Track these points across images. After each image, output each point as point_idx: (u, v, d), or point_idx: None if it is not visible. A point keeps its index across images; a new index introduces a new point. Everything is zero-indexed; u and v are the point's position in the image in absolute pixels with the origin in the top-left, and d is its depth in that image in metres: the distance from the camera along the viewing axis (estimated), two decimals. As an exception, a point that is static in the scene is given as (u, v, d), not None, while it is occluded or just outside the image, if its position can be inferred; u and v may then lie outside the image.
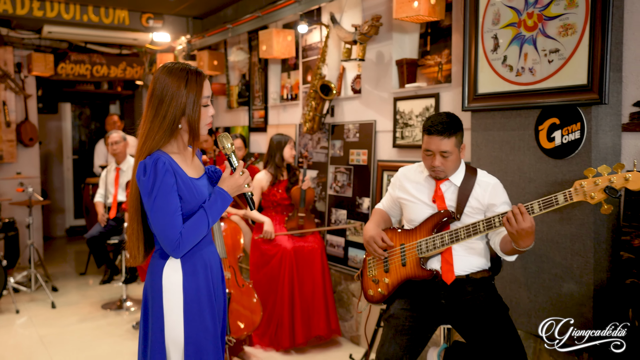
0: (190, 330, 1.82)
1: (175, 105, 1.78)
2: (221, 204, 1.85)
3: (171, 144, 1.84)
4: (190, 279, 1.83)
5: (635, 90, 2.34)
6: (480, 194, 2.35)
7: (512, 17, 2.63)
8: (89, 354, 3.77)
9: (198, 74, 1.84)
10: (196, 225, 1.80)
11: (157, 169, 1.75)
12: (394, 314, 2.34)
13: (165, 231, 1.76)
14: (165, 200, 1.75)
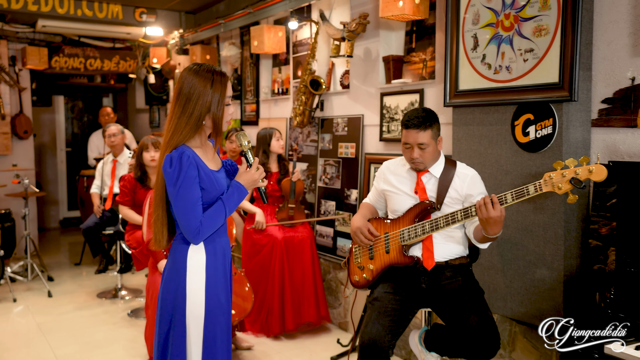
0: (210, 305, 2.00)
1: (202, 103, 1.93)
2: (238, 197, 2.01)
3: (195, 139, 1.99)
4: (211, 259, 2.01)
5: (603, 88, 2.49)
6: (459, 185, 2.50)
7: (490, 17, 2.78)
8: (86, 340, 3.90)
9: (222, 75, 1.99)
10: (215, 215, 1.96)
11: (182, 162, 1.90)
12: (378, 297, 2.49)
13: (187, 219, 1.91)
14: (188, 191, 1.90)
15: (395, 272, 2.53)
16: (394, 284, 2.51)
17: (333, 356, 3.56)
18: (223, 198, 1.99)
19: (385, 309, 2.43)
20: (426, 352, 2.54)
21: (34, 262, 5.27)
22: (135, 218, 4.19)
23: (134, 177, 4.26)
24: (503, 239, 2.77)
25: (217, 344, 2.05)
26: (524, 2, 2.62)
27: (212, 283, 2.02)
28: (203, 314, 1.99)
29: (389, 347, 2.37)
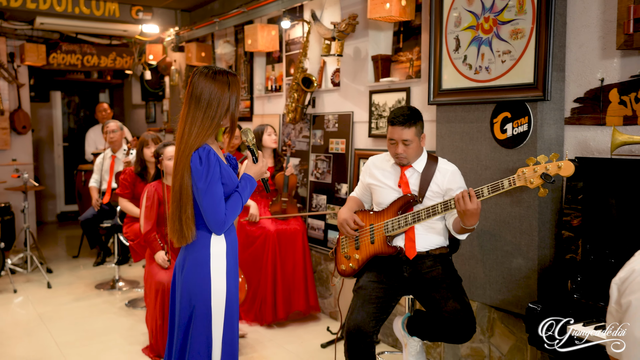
0: (230, 289, 2.19)
1: (222, 106, 2.10)
2: (250, 188, 2.20)
3: (210, 138, 2.14)
4: (230, 247, 2.20)
5: (575, 88, 2.64)
6: (440, 179, 2.65)
7: (471, 20, 2.92)
8: (86, 329, 4.05)
9: (235, 75, 2.15)
10: (234, 206, 2.13)
11: (210, 160, 2.06)
12: (363, 285, 2.64)
13: (215, 213, 2.07)
14: (216, 187, 2.07)
15: (379, 261, 2.68)
16: (378, 273, 2.66)
17: (323, 343, 3.72)
18: (239, 190, 2.16)
19: (370, 297, 2.58)
20: (408, 336, 2.70)
21: (33, 255, 5.41)
22: (134, 210, 4.33)
23: (135, 172, 4.41)
24: (482, 230, 2.93)
25: (234, 325, 2.25)
26: (502, 6, 2.76)
27: (232, 268, 2.21)
28: (225, 298, 2.17)
29: (373, 332, 2.53)
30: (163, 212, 3.71)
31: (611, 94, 2.49)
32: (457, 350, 3.21)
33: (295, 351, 3.63)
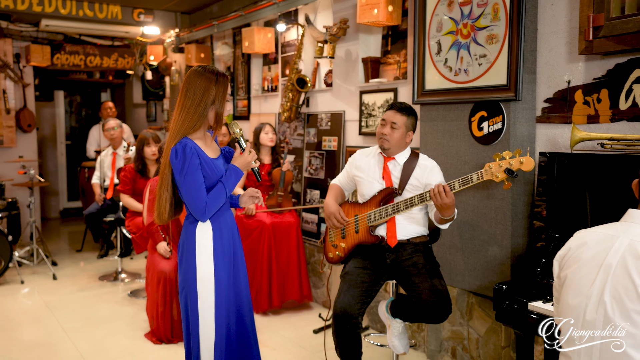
0: (218, 270, 2.36)
1: (207, 97, 2.31)
2: (235, 178, 2.38)
3: (199, 130, 2.34)
4: (217, 232, 2.37)
5: (546, 89, 2.86)
6: (420, 174, 2.87)
7: (451, 26, 3.14)
8: (90, 316, 4.27)
9: (224, 76, 2.37)
10: (217, 195, 2.33)
11: (186, 153, 2.25)
12: (349, 271, 2.86)
13: (194, 202, 2.28)
14: (192, 177, 2.26)
15: (363, 249, 2.90)
16: (363, 260, 2.88)
17: (315, 329, 3.94)
18: (222, 180, 2.35)
19: (355, 282, 2.80)
20: (391, 318, 2.92)
21: (39, 248, 5.63)
22: (135, 205, 4.55)
23: (135, 169, 4.63)
24: (462, 221, 3.15)
25: (229, 311, 2.40)
26: (478, 13, 2.98)
27: (222, 254, 2.38)
28: (213, 282, 2.35)
29: (358, 314, 2.75)
30: (164, 205, 3.93)
31: (576, 95, 2.71)
32: (439, 334, 3.44)
33: (289, 336, 3.85)
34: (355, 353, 2.78)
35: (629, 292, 1.46)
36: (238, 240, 2.53)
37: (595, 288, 1.53)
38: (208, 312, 2.38)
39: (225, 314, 2.42)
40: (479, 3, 2.97)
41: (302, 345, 3.70)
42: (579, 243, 1.63)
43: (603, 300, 1.50)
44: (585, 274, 1.56)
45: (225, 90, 2.37)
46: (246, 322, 2.52)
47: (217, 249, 2.38)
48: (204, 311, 2.37)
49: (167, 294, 3.71)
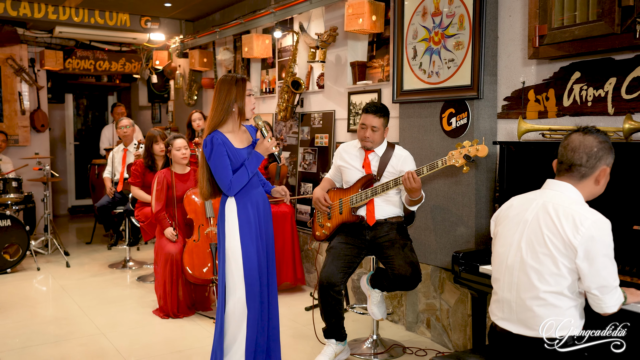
0: (244, 240, 2.81)
1: (230, 95, 2.79)
2: (256, 161, 2.82)
3: (227, 124, 2.82)
4: (241, 209, 2.83)
5: (505, 89, 3.29)
6: (395, 162, 3.30)
7: (425, 34, 3.58)
8: (103, 297, 4.69)
9: (242, 78, 2.84)
10: (240, 175, 2.78)
11: (213, 143, 2.74)
12: (333, 246, 3.29)
13: (220, 180, 2.77)
14: (219, 162, 2.75)
15: (346, 227, 3.33)
16: (345, 236, 3.31)
17: (307, 307, 4.36)
18: (246, 163, 2.81)
19: (339, 255, 3.23)
20: (371, 289, 3.34)
21: (53, 238, 6.06)
22: (144, 196, 4.98)
23: (145, 165, 5.06)
24: (434, 205, 3.57)
25: (258, 279, 2.83)
26: (447, 23, 3.42)
27: (248, 227, 2.83)
28: (240, 252, 2.80)
29: (341, 282, 3.17)
30: (171, 195, 4.36)
31: (530, 94, 3.14)
32: (415, 307, 3.85)
33: (283, 313, 4.25)
34: (337, 316, 3.20)
35: (538, 239, 1.89)
36: (264, 216, 2.95)
37: (516, 238, 1.96)
38: (238, 282, 2.82)
39: (254, 285, 2.83)
40: (448, 14, 3.40)
41: (295, 320, 4.12)
42: (507, 205, 2.07)
43: (520, 247, 1.93)
44: (510, 228, 2.00)
45: (244, 88, 2.83)
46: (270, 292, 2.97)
47: (242, 220, 2.83)
48: (235, 280, 2.82)
49: (174, 273, 4.14)
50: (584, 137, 1.94)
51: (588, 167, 1.93)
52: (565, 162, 1.96)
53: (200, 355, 3.43)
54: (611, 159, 1.97)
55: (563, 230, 1.84)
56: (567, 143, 1.97)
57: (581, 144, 1.93)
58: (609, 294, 1.83)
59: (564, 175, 1.99)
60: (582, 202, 1.92)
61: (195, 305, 4.30)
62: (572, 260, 1.84)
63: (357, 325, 3.93)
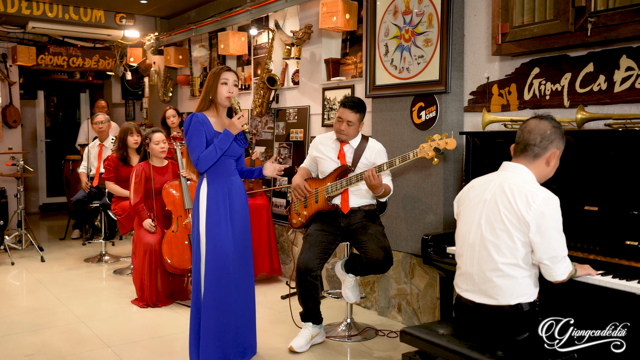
0: (209, 223, 2.98)
1: (208, 85, 3.02)
2: (225, 140, 2.95)
3: (211, 110, 3.04)
4: (211, 194, 3.00)
5: (471, 84, 3.49)
6: (369, 154, 3.47)
7: (396, 31, 3.76)
8: (80, 288, 4.74)
9: (220, 68, 3.03)
10: (209, 153, 2.94)
11: (192, 120, 2.95)
12: (310, 233, 3.44)
13: (191, 155, 2.96)
14: (193, 138, 2.95)
15: (322, 215, 3.49)
16: (321, 224, 3.46)
17: (283, 295, 4.49)
18: (215, 141, 2.95)
19: (315, 241, 3.38)
20: (345, 274, 3.50)
21: (27, 233, 6.05)
22: (119, 191, 5.04)
23: (118, 158, 5.11)
24: (405, 195, 3.76)
25: (227, 265, 2.99)
26: (417, 21, 3.61)
27: (211, 209, 2.98)
28: (205, 237, 2.98)
29: (317, 268, 3.32)
30: (149, 187, 4.45)
31: (493, 88, 3.34)
32: (387, 293, 4.03)
33: (260, 302, 4.37)
34: (314, 300, 3.35)
35: (496, 216, 2.08)
36: (239, 204, 3.09)
37: (476, 216, 2.15)
38: (206, 262, 2.99)
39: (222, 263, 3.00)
40: (417, 13, 3.59)
41: (272, 307, 4.25)
42: (468, 187, 2.25)
43: (480, 224, 2.12)
44: (471, 208, 2.18)
45: (218, 78, 3.01)
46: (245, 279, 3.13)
47: (210, 206, 2.98)
48: (202, 260, 3.01)
49: (153, 263, 4.22)
50: (540, 121, 2.15)
51: (541, 148, 2.13)
52: (521, 142, 2.16)
53: (181, 340, 3.54)
54: (562, 144, 2.18)
55: (517, 207, 2.04)
56: (524, 126, 2.18)
57: (537, 126, 2.14)
58: (559, 263, 2.04)
59: (519, 156, 2.19)
60: (534, 182, 2.13)
61: (173, 295, 4.39)
62: (526, 234, 2.03)
63: (332, 311, 4.09)
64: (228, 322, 3.05)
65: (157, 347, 3.45)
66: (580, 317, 2.09)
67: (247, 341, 3.17)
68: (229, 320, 3.05)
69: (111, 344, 3.48)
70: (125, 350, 3.39)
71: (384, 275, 3.99)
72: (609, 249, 2.33)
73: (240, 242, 3.10)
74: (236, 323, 3.09)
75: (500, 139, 2.98)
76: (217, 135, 2.98)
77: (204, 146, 2.95)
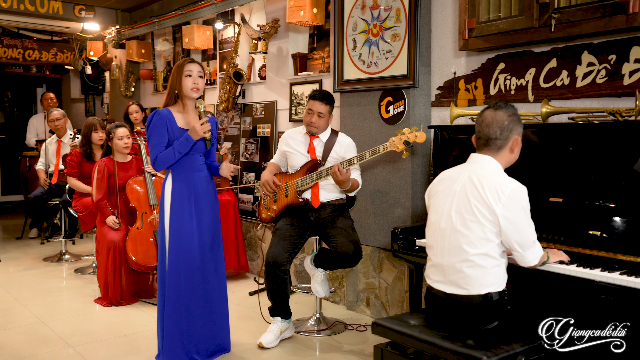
0: (173, 220, 2.93)
1: (173, 79, 2.95)
2: (186, 143, 2.90)
3: (177, 105, 2.97)
4: (176, 190, 2.96)
5: (438, 79, 3.53)
6: (339, 149, 3.47)
7: (364, 26, 3.77)
8: (40, 288, 4.58)
9: (184, 60, 2.97)
10: (167, 154, 2.89)
11: (154, 118, 2.88)
12: (279, 227, 3.41)
13: (150, 152, 2.89)
14: (153, 136, 2.89)
15: (292, 209, 3.47)
16: (291, 218, 3.44)
17: (251, 291, 4.45)
18: (174, 144, 2.89)
19: (284, 236, 3.36)
20: (315, 268, 3.49)
21: (-19, 233, 5.82)
22: (82, 187, 4.89)
23: (82, 154, 4.97)
24: (374, 189, 3.77)
25: (192, 261, 2.95)
26: (385, 16, 3.62)
27: (175, 205, 2.94)
28: (168, 232, 2.92)
29: (287, 262, 3.30)
30: (113, 183, 4.33)
31: (460, 83, 3.39)
32: (356, 287, 4.04)
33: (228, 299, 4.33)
34: (283, 295, 3.33)
35: (466, 207, 2.11)
36: (205, 200, 3.04)
37: (446, 208, 2.18)
38: (170, 258, 2.96)
39: (176, 262, 2.95)
40: (385, 7, 3.61)
41: (240, 304, 4.21)
42: (438, 179, 2.28)
43: (450, 215, 2.15)
44: (441, 200, 2.21)
45: (182, 70, 2.94)
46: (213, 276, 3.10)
47: (174, 201, 2.94)
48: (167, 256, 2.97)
49: (117, 260, 4.12)
50: (495, 112, 2.19)
51: (502, 139, 2.18)
52: (483, 137, 2.21)
53: (147, 338, 3.46)
54: (521, 129, 2.24)
55: (487, 198, 2.07)
56: (481, 120, 2.22)
57: (493, 119, 2.18)
58: (529, 249, 2.08)
59: (484, 149, 2.23)
60: (502, 172, 2.18)
61: (138, 293, 4.29)
62: (496, 224, 2.07)
63: (301, 307, 4.08)
64: (193, 319, 3.00)
65: (122, 346, 3.36)
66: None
67: (217, 339, 3.13)
68: (195, 317, 3.00)
69: (73, 344, 3.38)
70: (88, 350, 3.29)
71: (353, 269, 4.00)
72: (574, 238, 2.40)
73: (209, 239, 3.06)
74: (203, 320, 3.04)
75: (467, 133, 3.02)
76: (180, 131, 2.93)
77: (163, 146, 2.90)
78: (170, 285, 2.96)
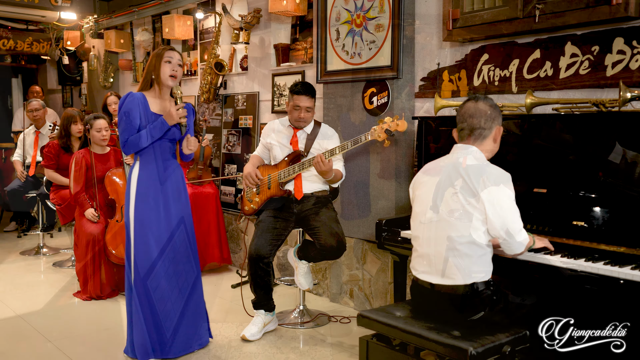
0: (138, 208, 2.88)
1: (150, 65, 2.90)
2: (160, 128, 2.85)
3: (152, 90, 2.92)
4: (142, 177, 2.90)
5: (422, 70, 3.52)
6: (321, 140, 3.44)
7: (347, 16, 3.73)
8: (17, 282, 4.48)
9: (163, 48, 2.93)
10: (139, 137, 2.83)
11: (126, 101, 2.83)
12: (262, 219, 3.38)
13: (120, 135, 2.84)
14: (124, 118, 2.82)
15: (274, 201, 3.43)
16: (274, 210, 3.41)
17: (233, 284, 4.42)
18: (148, 127, 2.83)
19: (267, 228, 3.33)
20: (298, 261, 3.47)
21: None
22: (60, 179, 4.79)
23: (60, 145, 4.85)
24: (357, 181, 3.75)
25: (156, 252, 2.88)
26: (368, 6, 3.59)
27: (141, 193, 2.87)
28: (133, 214, 2.85)
29: (269, 254, 3.27)
30: (91, 175, 4.25)
31: (444, 74, 3.38)
32: (339, 279, 4.03)
33: (210, 292, 4.29)
34: (266, 287, 3.31)
35: (452, 196, 2.12)
36: (172, 190, 2.98)
37: (431, 199, 2.17)
38: (133, 248, 2.90)
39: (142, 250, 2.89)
40: (369, -2, 3.58)
41: (223, 297, 4.17)
42: (423, 171, 2.28)
43: (436, 205, 2.14)
44: (426, 191, 2.20)
45: (161, 57, 2.90)
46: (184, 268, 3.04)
47: (139, 190, 2.89)
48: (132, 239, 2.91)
49: (96, 254, 4.04)
50: (477, 103, 2.20)
51: (486, 128, 2.19)
52: (466, 128, 2.21)
53: (128, 332, 3.41)
54: (501, 119, 2.28)
55: (472, 185, 2.08)
56: (464, 111, 2.22)
57: (477, 110, 2.19)
58: (516, 236, 2.09)
59: (467, 139, 2.23)
60: (485, 161, 2.18)
61: (119, 287, 4.22)
62: (482, 211, 2.07)
63: (284, 299, 4.05)
64: (162, 310, 2.93)
65: (102, 340, 3.31)
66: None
67: (190, 332, 3.07)
68: (163, 309, 2.93)
69: (52, 339, 3.31)
70: (67, 345, 3.23)
71: (336, 261, 3.98)
72: (558, 229, 2.40)
73: (178, 229, 3.01)
74: (174, 312, 2.98)
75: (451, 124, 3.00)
76: (153, 115, 2.89)
77: (135, 129, 2.85)
78: (137, 275, 2.89)
